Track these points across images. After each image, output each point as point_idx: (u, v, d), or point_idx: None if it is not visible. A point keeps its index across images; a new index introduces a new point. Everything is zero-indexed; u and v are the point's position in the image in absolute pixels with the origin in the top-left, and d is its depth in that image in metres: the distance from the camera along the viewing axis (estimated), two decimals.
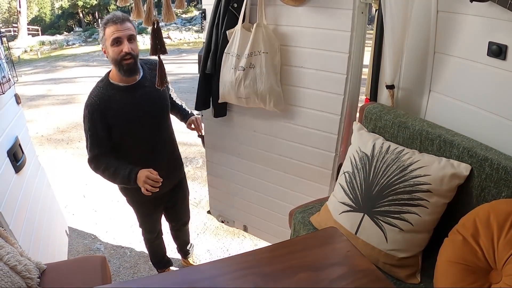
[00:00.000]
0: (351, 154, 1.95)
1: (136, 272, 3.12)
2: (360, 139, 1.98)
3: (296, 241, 1.40)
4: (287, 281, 1.20)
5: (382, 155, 1.79)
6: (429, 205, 1.59)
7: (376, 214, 1.68)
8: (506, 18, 1.60)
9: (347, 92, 2.35)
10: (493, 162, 1.52)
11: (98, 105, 2.14)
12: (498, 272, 1.31)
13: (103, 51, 2.19)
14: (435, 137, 1.76)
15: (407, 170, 1.67)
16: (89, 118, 2.15)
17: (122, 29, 2.08)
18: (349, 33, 2.20)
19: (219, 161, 3.16)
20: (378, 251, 1.66)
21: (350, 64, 2.29)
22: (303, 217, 2.09)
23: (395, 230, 1.62)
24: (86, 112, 2.16)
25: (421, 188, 1.61)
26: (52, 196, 3.15)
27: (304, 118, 2.55)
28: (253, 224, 3.23)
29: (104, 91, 2.18)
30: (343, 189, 1.87)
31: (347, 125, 2.44)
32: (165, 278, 1.26)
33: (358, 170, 1.84)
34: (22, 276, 1.73)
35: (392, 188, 1.67)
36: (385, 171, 1.73)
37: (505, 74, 1.65)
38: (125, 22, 2.10)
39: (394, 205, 1.64)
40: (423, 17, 2.02)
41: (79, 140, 6.09)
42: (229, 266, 1.28)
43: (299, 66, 2.46)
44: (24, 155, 2.50)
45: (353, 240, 1.67)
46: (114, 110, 2.17)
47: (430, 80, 2.07)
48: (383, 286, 1.21)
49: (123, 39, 2.09)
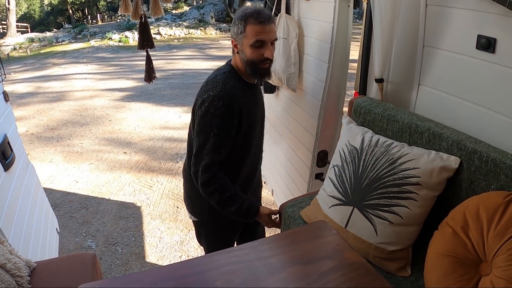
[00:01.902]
0: (340, 148, 1.95)
1: (128, 269, 3.11)
2: (349, 133, 1.98)
3: (285, 235, 1.40)
4: (277, 275, 1.20)
5: (371, 149, 1.79)
6: (418, 198, 1.60)
7: (365, 207, 1.68)
8: (494, 11, 1.60)
9: (328, 80, 2.55)
10: (482, 154, 1.53)
11: (236, 98, 1.83)
12: (488, 264, 1.32)
13: (233, 44, 1.92)
14: (424, 130, 1.76)
15: (396, 163, 1.67)
16: (224, 112, 1.79)
17: (269, 32, 1.83)
18: (331, 24, 2.36)
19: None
20: (368, 244, 1.66)
21: (331, 53, 2.50)
22: (293, 211, 2.09)
23: (384, 223, 1.62)
24: (219, 104, 1.78)
25: (411, 181, 1.61)
26: (42, 194, 3.12)
27: (299, 98, 2.94)
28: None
29: (237, 83, 1.90)
30: (333, 183, 1.87)
31: (329, 112, 2.65)
32: (154, 274, 1.26)
33: (347, 163, 1.84)
34: (12, 274, 1.71)
35: (381, 181, 1.67)
36: (374, 164, 1.73)
37: (494, 67, 1.66)
38: (272, 23, 1.85)
39: (383, 198, 1.64)
40: (412, 11, 2.03)
41: (69, 138, 6.06)
42: (218, 261, 1.27)
43: (305, 53, 2.89)
44: (13, 153, 2.48)
45: (343, 234, 1.67)
46: (248, 108, 1.90)
47: (419, 73, 2.07)
48: (373, 279, 1.21)
49: (267, 42, 1.85)
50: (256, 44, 1.81)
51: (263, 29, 1.81)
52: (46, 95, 8.75)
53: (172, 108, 7.59)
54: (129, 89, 9.20)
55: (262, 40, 1.82)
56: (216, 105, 1.78)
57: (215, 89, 1.82)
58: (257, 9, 1.85)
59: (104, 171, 4.93)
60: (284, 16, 2.88)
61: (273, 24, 1.85)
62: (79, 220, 3.81)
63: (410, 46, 2.08)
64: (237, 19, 1.85)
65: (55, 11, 32.89)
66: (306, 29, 2.87)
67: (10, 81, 10.49)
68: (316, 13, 2.69)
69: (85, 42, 18.33)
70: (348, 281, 1.19)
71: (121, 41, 17.71)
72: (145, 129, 6.47)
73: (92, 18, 30.70)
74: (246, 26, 1.82)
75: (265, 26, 1.81)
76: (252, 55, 1.83)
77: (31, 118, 7.07)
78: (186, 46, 16.72)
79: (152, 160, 5.26)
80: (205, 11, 22.60)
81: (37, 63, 13.84)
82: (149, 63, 1.91)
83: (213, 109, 1.79)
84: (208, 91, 1.83)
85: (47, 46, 18.28)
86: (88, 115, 7.22)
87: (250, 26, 1.81)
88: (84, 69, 11.92)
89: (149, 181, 4.65)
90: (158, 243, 3.45)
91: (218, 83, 1.84)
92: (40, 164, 5.02)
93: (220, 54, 14.33)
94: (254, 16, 1.80)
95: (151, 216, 3.88)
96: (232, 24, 1.89)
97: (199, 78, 10.35)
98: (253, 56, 1.84)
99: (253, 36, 1.81)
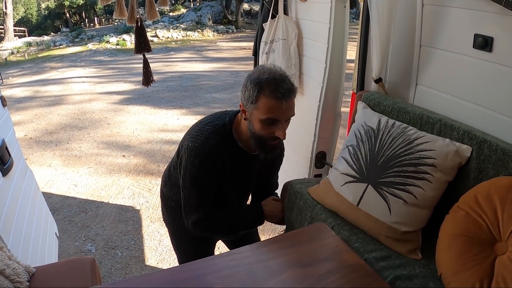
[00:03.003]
0: (356, 129, 1.92)
1: (128, 273, 3.11)
2: (365, 115, 1.97)
3: (284, 237, 1.40)
4: (276, 278, 1.20)
5: (388, 129, 1.78)
6: (433, 180, 1.59)
7: (380, 184, 1.65)
8: (491, 10, 1.61)
9: (325, 81, 2.55)
10: (492, 144, 1.52)
11: (215, 160, 1.69)
12: (503, 243, 1.30)
13: (241, 108, 1.67)
14: (435, 121, 1.76)
15: (413, 144, 1.67)
16: (201, 172, 1.69)
17: (286, 110, 1.57)
18: (328, 25, 2.36)
19: None
20: (381, 223, 1.63)
21: (328, 54, 2.50)
22: (300, 187, 2.02)
23: (399, 202, 1.60)
24: (196, 161, 1.67)
25: (426, 162, 1.61)
26: (40, 198, 3.11)
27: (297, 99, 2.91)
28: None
29: (221, 146, 1.70)
30: (346, 161, 1.83)
31: (327, 113, 2.65)
32: (153, 278, 1.25)
33: (363, 142, 1.82)
34: (11, 280, 1.71)
35: (397, 159, 1.66)
36: (391, 143, 1.72)
37: (491, 66, 1.67)
38: (291, 99, 1.58)
39: (399, 176, 1.63)
40: (409, 10, 2.03)
41: (68, 142, 6.05)
42: (217, 264, 1.27)
43: (302, 54, 2.93)
44: (11, 158, 2.47)
45: (354, 212, 1.66)
46: (231, 171, 1.77)
47: (417, 73, 2.08)
48: (372, 280, 1.21)
49: (282, 121, 1.60)
50: (268, 121, 1.57)
51: (280, 106, 1.54)
52: (44, 99, 8.74)
53: (170, 111, 7.59)
54: (127, 92, 9.20)
55: (276, 119, 1.57)
56: (193, 162, 1.66)
57: (195, 141, 1.67)
58: (276, 78, 1.55)
59: (103, 174, 4.92)
60: (282, 17, 2.88)
61: (292, 99, 1.59)
62: (79, 224, 3.80)
63: (407, 46, 2.09)
64: (250, 83, 1.58)
65: (52, 15, 32.85)
66: (303, 30, 2.88)
67: (8, 85, 10.47)
68: (312, 14, 2.70)
69: (83, 45, 18.32)
70: (347, 283, 1.19)
71: (119, 44, 17.70)
72: (144, 132, 6.47)
73: (90, 21, 30.66)
74: (260, 98, 1.55)
75: (282, 102, 1.54)
76: (261, 131, 1.60)
77: (29, 123, 7.05)
78: (184, 48, 16.72)
79: (151, 163, 5.25)
80: (202, 13, 22.64)
81: (34, 67, 13.82)
82: (146, 67, 1.90)
83: (190, 166, 1.67)
84: (191, 139, 1.69)
85: (45, 50, 18.27)
86: (86, 119, 7.22)
87: (264, 99, 1.54)
88: (82, 73, 11.91)
89: (148, 184, 4.64)
90: (158, 246, 3.44)
91: (202, 134, 1.69)
92: (39, 169, 5.01)
93: (218, 56, 14.34)
94: (271, 88, 1.53)
95: (151, 219, 3.87)
96: (244, 86, 1.61)
97: (197, 80, 10.36)
98: (262, 133, 1.61)
99: (265, 112, 1.55)
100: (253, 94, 1.55)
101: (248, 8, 25.38)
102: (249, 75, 1.61)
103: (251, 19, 24.24)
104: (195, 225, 1.75)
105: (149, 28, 19.79)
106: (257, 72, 1.59)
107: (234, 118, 1.75)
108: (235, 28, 21.78)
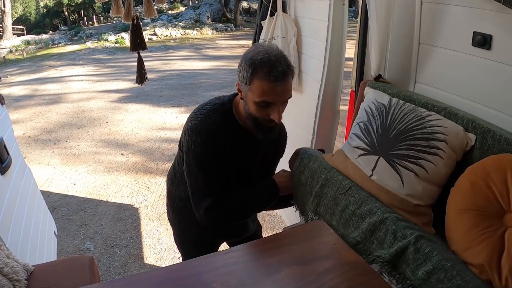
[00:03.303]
0: (366, 106, 1.89)
1: (127, 271, 3.11)
2: (376, 93, 1.95)
3: (282, 235, 1.40)
4: (274, 276, 1.19)
5: (400, 106, 1.77)
6: (444, 156, 1.57)
7: (392, 157, 1.63)
8: (490, 7, 1.60)
9: (324, 79, 2.55)
10: (496, 133, 1.51)
11: (216, 136, 1.61)
12: None
13: (238, 88, 1.61)
14: (440, 109, 1.74)
15: (425, 120, 1.65)
16: (205, 150, 1.61)
17: (281, 92, 1.50)
18: (327, 22, 2.35)
19: None
20: (393, 195, 1.60)
21: (327, 52, 2.50)
22: (314, 152, 1.96)
23: (411, 175, 1.58)
24: (197, 139, 1.61)
25: (438, 137, 1.59)
26: (39, 197, 3.11)
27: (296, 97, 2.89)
28: None
29: (222, 122, 1.64)
30: (357, 136, 1.80)
31: (326, 111, 2.64)
32: (151, 276, 1.25)
33: (374, 117, 1.79)
34: (9, 278, 1.71)
35: (409, 133, 1.64)
36: (403, 117, 1.70)
37: (490, 64, 1.66)
38: (286, 81, 1.51)
39: (411, 150, 1.60)
40: (408, 8, 2.03)
41: (67, 140, 6.05)
42: (215, 262, 1.27)
43: (301, 52, 2.91)
44: (9, 156, 2.47)
45: (368, 184, 1.63)
46: (234, 150, 1.68)
47: (415, 71, 2.07)
48: (370, 278, 1.21)
49: (277, 104, 1.54)
50: (262, 104, 1.52)
51: (273, 89, 1.48)
52: (43, 98, 8.73)
53: (169, 109, 7.58)
54: (125, 90, 9.19)
55: (270, 102, 1.52)
56: (195, 140, 1.59)
57: (195, 120, 1.62)
58: (271, 59, 1.48)
59: (102, 173, 4.92)
60: (281, 15, 2.88)
61: (288, 81, 1.52)
62: (77, 222, 3.80)
63: (405, 44, 2.08)
64: (245, 63, 1.52)
65: (50, 13, 32.80)
66: (302, 28, 2.87)
67: (7, 84, 10.46)
68: (311, 12, 2.69)
69: (81, 44, 18.30)
70: (346, 281, 1.19)
71: (117, 42, 17.68)
72: (142, 130, 6.46)
73: (88, 19, 30.61)
74: (253, 80, 1.49)
75: (276, 85, 1.48)
76: (256, 113, 1.56)
77: (28, 121, 7.05)
78: (183, 46, 16.71)
79: (149, 161, 5.25)
80: (201, 11, 22.62)
81: (33, 65, 13.80)
82: (140, 65, 1.89)
83: (193, 145, 1.60)
84: (190, 120, 1.64)
85: (43, 49, 18.25)
86: (85, 117, 7.21)
87: (257, 82, 1.49)
88: (81, 71, 11.90)
89: (146, 182, 4.64)
90: (157, 244, 3.44)
91: (201, 112, 1.64)
92: (38, 167, 5.01)
93: (217, 54, 14.33)
94: (265, 71, 1.47)
95: (149, 217, 3.87)
96: (239, 65, 1.56)
97: (196, 78, 10.35)
98: (257, 114, 1.56)
99: (259, 95, 1.50)
100: (247, 75, 1.50)
101: (247, 6, 25.35)
102: (245, 54, 1.55)
103: (249, 17, 24.23)
104: (208, 213, 1.63)
105: (148, 26, 19.77)
106: (252, 52, 1.53)
107: (234, 98, 1.69)
108: (234, 26, 21.77)
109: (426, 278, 1.21)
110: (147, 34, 18.53)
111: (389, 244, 1.35)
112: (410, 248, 1.29)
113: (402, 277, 1.28)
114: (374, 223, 1.42)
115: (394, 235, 1.35)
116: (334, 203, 1.60)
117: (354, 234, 1.48)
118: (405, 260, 1.29)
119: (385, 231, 1.38)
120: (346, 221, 1.52)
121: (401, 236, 1.34)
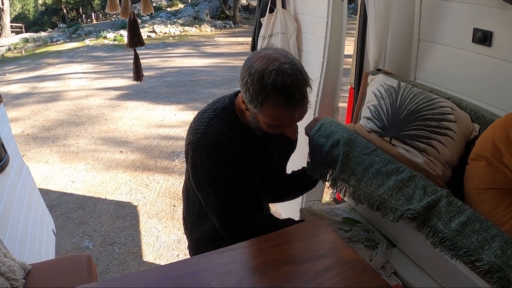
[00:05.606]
0: (375, 89, 1.88)
1: (126, 269, 3.10)
2: (384, 78, 1.94)
3: (281, 233, 1.38)
4: (272, 274, 1.18)
5: (409, 88, 1.76)
6: (455, 137, 1.56)
7: (404, 137, 1.62)
8: (490, 4, 1.59)
9: (323, 76, 2.54)
10: None
11: (224, 146, 1.43)
12: None
13: (242, 103, 1.43)
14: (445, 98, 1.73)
15: (435, 101, 1.65)
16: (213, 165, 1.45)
17: (299, 117, 1.35)
18: (326, 19, 2.34)
19: None
20: (415, 164, 1.57)
21: (326, 49, 2.48)
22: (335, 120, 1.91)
23: (423, 155, 1.58)
24: (203, 155, 1.44)
25: (449, 118, 1.58)
26: (37, 195, 3.10)
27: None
28: None
29: (225, 127, 1.46)
30: (368, 118, 1.79)
31: (325, 108, 2.63)
32: (148, 275, 1.24)
33: (383, 99, 1.78)
34: (6, 277, 1.70)
35: (420, 113, 1.63)
36: (413, 98, 1.69)
37: (490, 60, 1.66)
38: (305, 105, 1.34)
39: (422, 130, 1.59)
40: (407, 5, 2.02)
41: (65, 138, 6.03)
42: (213, 261, 1.26)
43: (301, 49, 2.89)
44: (7, 155, 2.46)
45: (390, 149, 1.61)
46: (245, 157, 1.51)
47: (415, 67, 2.07)
48: (369, 276, 1.20)
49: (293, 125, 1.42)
50: (275, 125, 1.37)
51: (291, 115, 1.32)
52: (41, 96, 8.70)
53: (168, 106, 7.57)
54: (124, 87, 9.16)
55: (285, 126, 1.39)
56: (201, 156, 1.42)
57: (196, 132, 1.44)
58: (286, 85, 1.25)
59: (100, 170, 4.91)
60: (280, 11, 2.86)
61: (306, 103, 1.34)
62: (76, 220, 3.79)
63: (405, 40, 2.07)
64: (252, 81, 1.28)
65: (49, 10, 32.73)
66: (301, 25, 2.85)
67: (5, 81, 10.44)
68: (310, 8, 2.68)
69: (80, 41, 18.23)
70: (345, 280, 1.18)
71: (116, 40, 17.62)
72: (141, 127, 6.45)
73: (87, 17, 30.52)
74: (266, 103, 1.29)
75: (296, 111, 1.31)
76: (267, 130, 1.40)
77: (26, 119, 7.02)
78: (181, 43, 16.65)
79: (148, 158, 5.24)
80: (200, 8, 22.53)
81: (32, 63, 13.76)
82: (137, 61, 1.88)
83: (199, 162, 1.44)
84: (192, 132, 1.47)
85: (42, 46, 18.19)
86: (83, 115, 7.19)
87: (271, 107, 1.30)
88: (79, 69, 11.86)
89: (145, 180, 4.63)
90: (156, 242, 3.44)
91: (202, 122, 1.45)
92: (36, 165, 4.99)
93: (216, 51, 14.28)
94: (281, 98, 1.26)
95: (148, 215, 3.86)
96: (242, 77, 1.33)
97: (195, 75, 10.32)
98: (267, 129, 1.40)
99: (273, 119, 1.33)
100: (255, 99, 1.29)
101: (246, 3, 25.29)
102: (250, 65, 1.30)
103: (249, 14, 24.16)
104: (225, 231, 1.52)
105: (146, 24, 19.70)
106: (260, 63, 1.27)
107: (235, 98, 1.53)
108: (233, 23, 21.69)
109: (461, 229, 1.19)
110: (146, 31, 18.47)
111: (418, 199, 1.32)
112: (442, 201, 1.27)
113: (433, 230, 1.24)
114: (402, 179, 1.39)
115: (424, 190, 1.32)
116: (356, 162, 1.54)
117: (379, 191, 1.43)
118: (436, 214, 1.26)
119: (414, 187, 1.36)
120: (369, 179, 1.47)
121: (432, 191, 1.31)
